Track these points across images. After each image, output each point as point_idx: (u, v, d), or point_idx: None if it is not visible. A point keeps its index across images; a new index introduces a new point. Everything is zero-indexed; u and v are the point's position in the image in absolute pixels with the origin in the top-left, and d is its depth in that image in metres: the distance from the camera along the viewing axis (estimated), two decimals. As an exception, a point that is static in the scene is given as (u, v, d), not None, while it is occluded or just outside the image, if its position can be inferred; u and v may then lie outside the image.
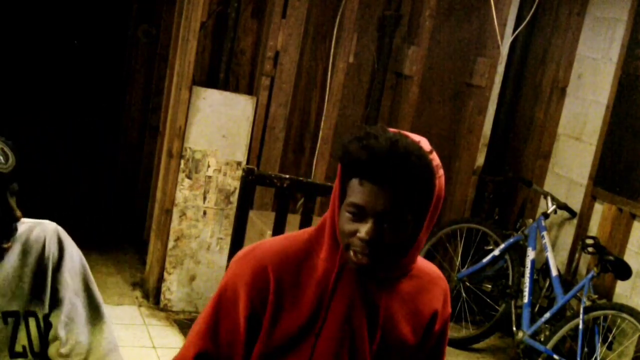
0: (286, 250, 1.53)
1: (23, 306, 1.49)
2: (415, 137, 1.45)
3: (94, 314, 1.60)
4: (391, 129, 1.45)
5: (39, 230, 1.57)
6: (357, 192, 1.39)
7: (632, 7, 4.26)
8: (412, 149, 1.37)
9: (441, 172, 1.44)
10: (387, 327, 1.52)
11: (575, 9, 4.68)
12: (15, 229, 1.46)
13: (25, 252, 1.52)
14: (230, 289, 1.53)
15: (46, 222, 1.61)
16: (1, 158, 1.36)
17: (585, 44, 4.65)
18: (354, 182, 1.41)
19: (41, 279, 1.51)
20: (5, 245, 1.44)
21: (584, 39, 4.65)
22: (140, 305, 4.25)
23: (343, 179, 1.46)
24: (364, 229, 1.39)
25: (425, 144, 1.44)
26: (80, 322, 1.56)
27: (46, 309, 1.52)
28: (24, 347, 1.50)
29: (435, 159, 1.42)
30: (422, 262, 1.62)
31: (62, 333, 1.53)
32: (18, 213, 1.42)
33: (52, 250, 1.54)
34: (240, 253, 1.58)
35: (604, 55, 4.48)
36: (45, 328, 1.52)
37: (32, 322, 1.50)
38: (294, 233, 1.62)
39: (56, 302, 1.54)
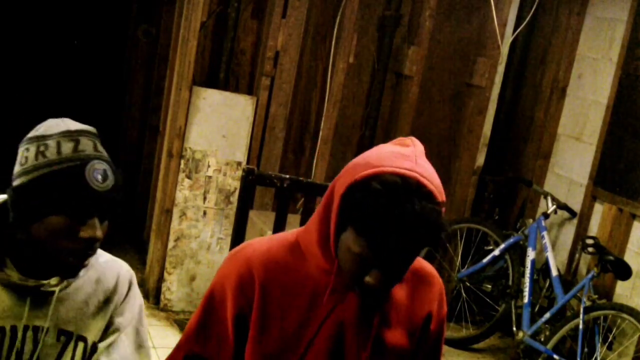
0: (273, 253, 1.51)
1: (79, 329, 1.55)
2: (427, 174, 1.34)
3: (138, 352, 1.68)
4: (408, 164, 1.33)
5: (116, 267, 1.66)
6: (363, 246, 1.32)
7: (632, 7, 4.26)
8: (433, 216, 1.30)
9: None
10: (381, 336, 1.50)
11: (575, 9, 4.68)
12: (95, 249, 1.49)
13: (98, 281, 1.59)
14: (218, 290, 1.53)
15: (124, 263, 1.70)
16: (100, 177, 1.41)
17: (585, 44, 4.64)
18: (360, 238, 1.32)
19: (104, 310, 1.59)
20: (86, 263, 1.49)
21: (584, 39, 4.65)
22: (140, 305, 4.25)
23: (343, 218, 1.37)
24: (373, 276, 1.35)
25: (438, 186, 1.35)
26: (123, 355, 1.63)
27: (98, 336, 1.59)
28: None
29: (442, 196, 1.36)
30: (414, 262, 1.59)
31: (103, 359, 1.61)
32: (98, 232, 1.44)
33: (121, 289, 1.63)
34: (231, 252, 1.58)
35: (604, 55, 4.48)
36: (91, 353, 1.58)
37: (80, 346, 1.56)
38: (280, 235, 1.59)
39: (109, 331, 1.61)
